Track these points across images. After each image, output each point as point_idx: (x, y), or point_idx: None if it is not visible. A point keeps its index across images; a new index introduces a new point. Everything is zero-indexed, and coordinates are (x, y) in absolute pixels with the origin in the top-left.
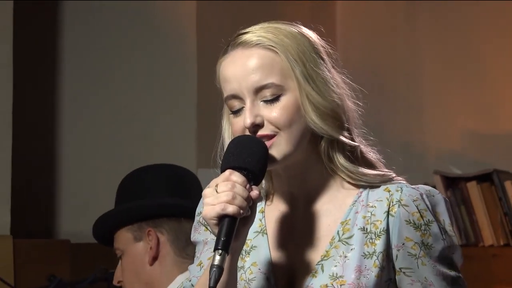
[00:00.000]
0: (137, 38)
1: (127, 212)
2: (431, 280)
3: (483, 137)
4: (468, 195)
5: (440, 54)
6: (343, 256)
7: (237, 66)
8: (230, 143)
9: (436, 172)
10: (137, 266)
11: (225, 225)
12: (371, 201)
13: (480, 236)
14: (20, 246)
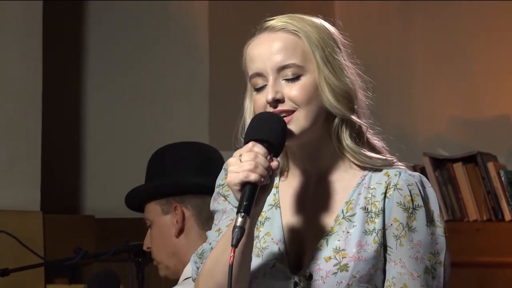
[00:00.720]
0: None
1: (157, 188)
2: (404, 262)
3: (467, 123)
4: (454, 175)
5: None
6: (346, 232)
7: (263, 47)
8: (253, 118)
9: (425, 154)
10: (164, 237)
11: (247, 191)
12: (373, 184)
13: (465, 212)
14: (49, 221)
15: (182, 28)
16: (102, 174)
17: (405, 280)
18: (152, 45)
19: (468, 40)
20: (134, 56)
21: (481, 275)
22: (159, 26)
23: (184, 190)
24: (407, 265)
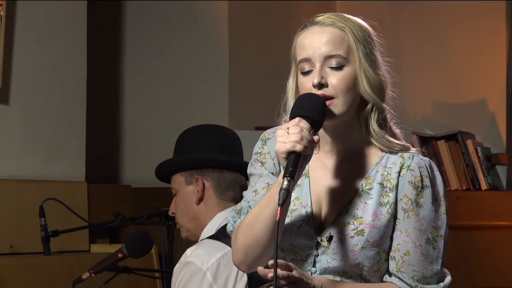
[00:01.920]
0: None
1: (182, 162)
2: (409, 232)
3: (449, 106)
4: (438, 150)
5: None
6: (364, 202)
7: (314, 37)
8: (299, 97)
9: (413, 133)
10: (186, 204)
11: (293, 159)
12: (389, 164)
13: (447, 182)
14: (92, 190)
15: (206, 24)
16: (137, 149)
17: (408, 247)
18: (180, 38)
19: (449, 33)
20: (165, 47)
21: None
22: (186, 22)
23: (205, 165)
24: (412, 235)
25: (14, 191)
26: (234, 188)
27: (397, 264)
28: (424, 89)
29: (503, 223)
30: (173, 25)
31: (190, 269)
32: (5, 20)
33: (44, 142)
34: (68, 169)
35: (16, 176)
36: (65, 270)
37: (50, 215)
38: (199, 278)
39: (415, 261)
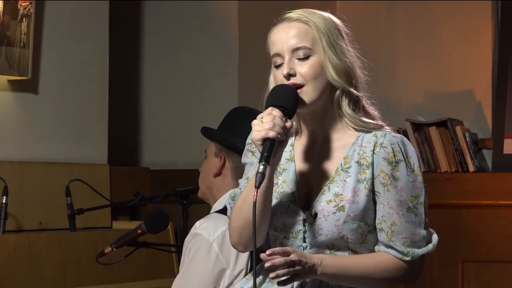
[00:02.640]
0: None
1: (221, 136)
2: (392, 204)
3: (440, 95)
4: (430, 136)
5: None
6: (344, 180)
7: (281, 33)
8: (272, 89)
9: (407, 120)
10: (207, 171)
11: (267, 145)
12: (364, 143)
13: (438, 165)
14: (114, 171)
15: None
16: (155, 134)
17: (393, 218)
18: (194, 34)
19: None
20: (181, 42)
21: (450, 214)
22: (199, 20)
23: (234, 147)
24: (394, 206)
25: (43, 173)
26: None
27: (387, 235)
28: (416, 80)
29: (489, 202)
30: (188, 23)
31: (198, 240)
32: (34, 18)
33: (70, 129)
34: (92, 153)
35: (44, 159)
36: (89, 245)
37: (76, 194)
38: (206, 248)
39: (402, 229)
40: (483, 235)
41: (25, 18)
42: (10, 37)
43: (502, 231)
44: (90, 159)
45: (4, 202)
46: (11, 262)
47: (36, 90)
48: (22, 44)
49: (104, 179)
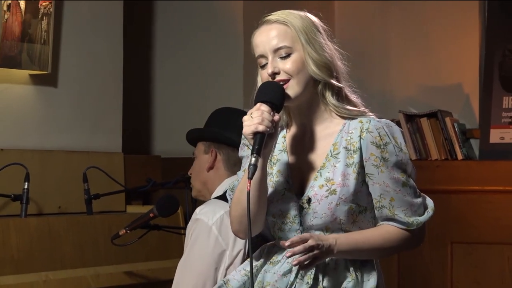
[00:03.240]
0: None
1: (204, 133)
2: (387, 183)
3: (431, 88)
4: (421, 126)
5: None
6: (334, 166)
7: (262, 35)
8: (260, 86)
9: (400, 111)
10: (200, 169)
11: (258, 138)
12: (351, 129)
13: (428, 153)
14: (128, 159)
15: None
16: (166, 125)
17: (391, 194)
18: (202, 31)
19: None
20: (190, 39)
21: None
22: (207, 18)
23: (220, 141)
24: (390, 184)
25: (62, 160)
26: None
27: (389, 210)
28: (409, 74)
29: (476, 188)
30: (196, 21)
31: (199, 224)
32: (53, 17)
33: (87, 119)
34: (107, 142)
35: (63, 148)
36: (105, 227)
37: (92, 181)
38: (206, 232)
39: (401, 203)
40: (471, 219)
41: (45, 17)
42: (32, 35)
43: (488, 214)
44: (106, 147)
45: (26, 188)
46: (32, 243)
47: (55, 83)
48: (43, 41)
49: (118, 166)
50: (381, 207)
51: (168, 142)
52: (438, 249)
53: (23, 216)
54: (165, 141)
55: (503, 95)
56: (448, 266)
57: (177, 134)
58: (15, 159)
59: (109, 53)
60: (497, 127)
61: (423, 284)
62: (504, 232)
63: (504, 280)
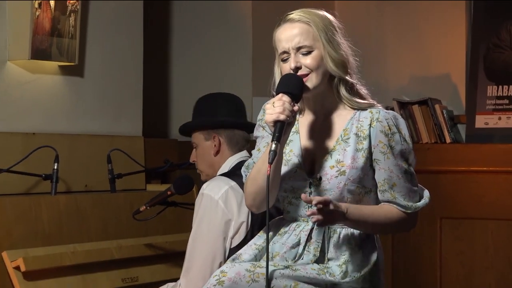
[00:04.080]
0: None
1: (205, 123)
2: (392, 168)
3: (422, 78)
4: (413, 113)
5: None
6: (344, 149)
7: (287, 33)
8: (281, 78)
9: (394, 99)
10: (206, 154)
11: (278, 126)
12: (361, 118)
13: (420, 137)
14: (148, 142)
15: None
16: (182, 111)
17: (394, 180)
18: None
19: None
20: (204, 33)
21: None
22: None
23: (220, 125)
24: (394, 170)
25: (88, 143)
26: (242, 142)
27: (391, 194)
28: (402, 66)
29: (463, 168)
30: (209, 17)
31: (206, 199)
32: (80, 13)
33: (110, 106)
34: (129, 127)
35: (89, 132)
36: (126, 204)
37: (115, 162)
38: (213, 205)
39: (402, 189)
40: (457, 196)
41: (73, 14)
42: (60, 30)
43: (473, 192)
44: (128, 132)
45: (55, 168)
46: (61, 219)
47: (82, 73)
48: (70, 35)
49: (139, 149)
50: (384, 190)
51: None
52: (428, 224)
53: (53, 193)
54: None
55: (487, 85)
56: (437, 239)
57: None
58: (46, 142)
59: (130, 46)
60: (482, 114)
61: (415, 255)
62: (488, 209)
63: (487, 251)
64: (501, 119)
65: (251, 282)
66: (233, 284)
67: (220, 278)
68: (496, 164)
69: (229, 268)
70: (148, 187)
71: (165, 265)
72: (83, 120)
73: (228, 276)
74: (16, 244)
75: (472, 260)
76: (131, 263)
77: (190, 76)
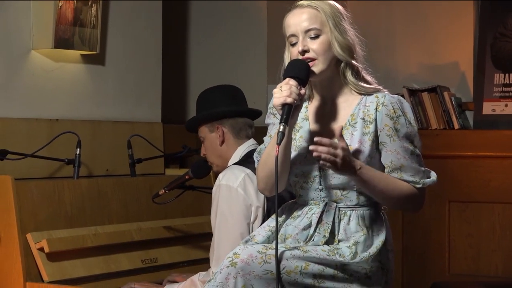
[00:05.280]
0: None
1: (206, 116)
2: (398, 150)
3: (431, 66)
4: (423, 100)
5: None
6: (351, 133)
7: (296, 17)
8: (288, 63)
9: (404, 87)
10: (213, 146)
11: (286, 109)
12: (368, 103)
13: (429, 123)
14: (166, 128)
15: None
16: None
17: (401, 161)
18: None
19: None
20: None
21: (439, 163)
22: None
23: (222, 116)
24: (400, 152)
25: (109, 129)
26: (245, 129)
27: (399, 173)
28: (412, 54)
29: (470, 153)
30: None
31: (224, 189)
32: (102, 4)
33: (131, 93)
34: (149, 113)
35: (111, 118)
36: (146, 187)
37: (135, 147)
38: (233, 194)
39: (409, 169)
40: (465, 180)
41: (94, 4)
42: (83, 20)
43: (480, 176)
44: (147, 118)
45: (78, 153)
46: (84, 201)
47: (103, 62)
48: (92, 25)
49: (158, 134)
50: (391, 171)
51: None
52: (437, 207)
53: (75, 177)
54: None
55: (494, 72)
56: (445, 221)
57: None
58: (69, 128)
59: (150, 36)
60: (489, 101)
61: (424, 237)
62: (494, 193)
63: (494, 233)
64: (507, 106)
65: (263, 263)
66: (246, 266)
67: (233, 260)
68: (503, 150)
69: (242, 250)
70: (167, 172)
71: (183, 246)
72: (104, 107)
73: (240, 257)
74: (40, 226)
75: (479, 242)
76: (150, 245)
77: (208, 64)
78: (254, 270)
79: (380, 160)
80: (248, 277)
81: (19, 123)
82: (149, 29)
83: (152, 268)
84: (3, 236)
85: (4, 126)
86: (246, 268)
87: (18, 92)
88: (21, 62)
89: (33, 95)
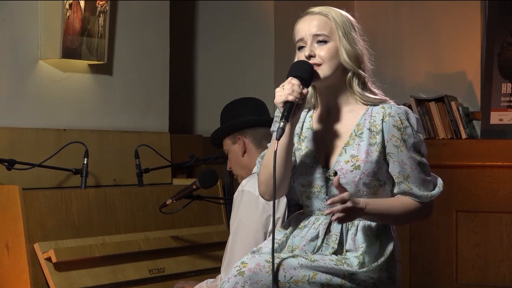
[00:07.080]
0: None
1: (227, 129)
2: (406, 161)
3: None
4: (430, 109)
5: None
6: (358, 144)
7: (305, 23)
8: (292, 63)
9: (411, 96)
10: (236, 157)
11: (287, 106)
12: (374, 113)
13: (436, 132)
14: (173, 138)
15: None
16: (207, 108)
17: (408, 172)
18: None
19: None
20: (227, 33)
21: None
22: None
23: (242, 127)
24: (408, 162)
25: (117, 139)
26: (266, 138)
27: (407, 185)
28: (419, 64)
29: (478, 163)
30: (233, 17)
31: (246, 195)
32: (109, 14)
33: (138, 103)
34: (156, 123)
35: (118, 128)
36: (153, 197)
37: (143, 157)
38: (254, 201)
39: (416, 180)
40: (472, 190)
41: (102, 14)
42: (90, 29)
43: (487, 186)
44: (154, 128)
45: (85, 163)
46: (91, 211)
47: (111, 72)
48: (100, 35)
49: (165, 144)
50: (400, 182)
51: (209, 123)
52: (445, 216)
53: (83, 187)
54: (206, 122)
55: (501, 82)
56: (453, 231)
57: (217, 116)
58: (76, 137)
59: (157, 46)
60: (496, 110)
61: (432, 246)
62: (502, 202)
63: (502, 243)
64: None
65: (270, 273)
66: (253, 275)
67: (240, 269)
68: (510, 159)
69: (250, 259)
70: (174, 181)
71: (190, 256)
72: (111, 117)
73: (248, 266)
74: (48, 236)
75: (487, 252)
76: (158, 255)
77: (215, 74)
78: (262, 280)
79: (387, 171)
80: (256, 286)
81: (27, 133)
82: (157, 38)
83: (160, 278)
84: (10, 246)
85: (12, 136)
86: (254, 277)
87: (26, 101)
88: (29, 72)
89: (40, 104)
